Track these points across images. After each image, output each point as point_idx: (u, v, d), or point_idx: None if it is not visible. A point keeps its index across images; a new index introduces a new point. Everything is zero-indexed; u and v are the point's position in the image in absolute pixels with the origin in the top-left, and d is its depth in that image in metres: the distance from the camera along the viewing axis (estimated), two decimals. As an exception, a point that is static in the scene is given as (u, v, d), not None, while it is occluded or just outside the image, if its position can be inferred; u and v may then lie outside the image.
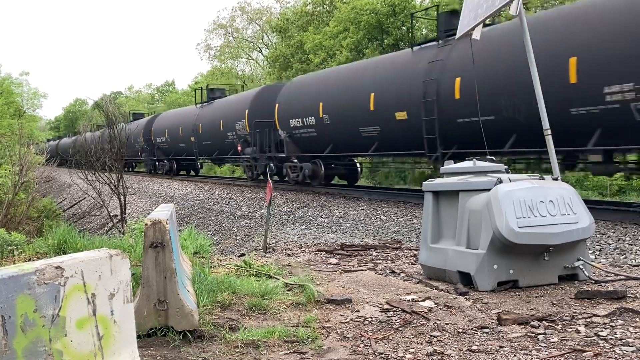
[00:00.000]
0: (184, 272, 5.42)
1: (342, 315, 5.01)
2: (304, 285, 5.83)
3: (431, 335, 4.39)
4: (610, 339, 4.14)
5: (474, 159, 6.43)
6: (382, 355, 4.02)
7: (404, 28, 29.09)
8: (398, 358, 3.97)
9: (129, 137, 19.45)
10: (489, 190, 5.63)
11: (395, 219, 12.79)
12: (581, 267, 5.85)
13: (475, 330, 4.49)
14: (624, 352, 3.87)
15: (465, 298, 5.34)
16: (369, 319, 4.86)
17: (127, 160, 33.05)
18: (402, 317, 4.87)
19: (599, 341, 4.11)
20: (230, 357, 4.07)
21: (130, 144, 24.38)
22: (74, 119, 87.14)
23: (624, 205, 10.12)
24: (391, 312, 5.03)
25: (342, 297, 5.47)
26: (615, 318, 4.60)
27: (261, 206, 17.31)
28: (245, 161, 23.03)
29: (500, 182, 5.69)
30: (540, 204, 5.60)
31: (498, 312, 4.84)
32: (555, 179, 6.19)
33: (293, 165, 19.25)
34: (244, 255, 9.11)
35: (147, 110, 63.77)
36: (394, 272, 6.92)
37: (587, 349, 3.94)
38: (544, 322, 4.56)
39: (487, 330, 4.46)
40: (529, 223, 5.48)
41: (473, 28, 6.78)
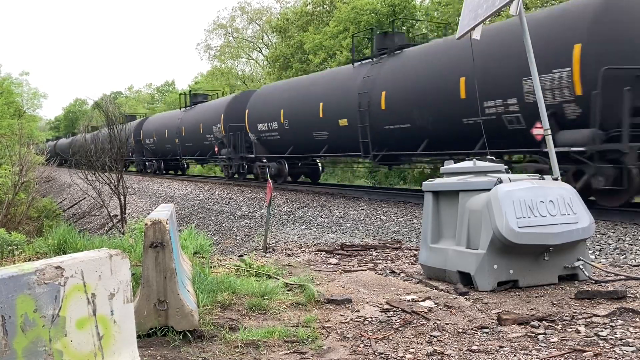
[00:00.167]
0: (184, 272, 5.42)
1: (342, 315, 5.01)
2: (304, 285, 5.83)
3: (431, 335, 4.39)
4: (610, 339, 4.14)
5: (474, 159, 6.43)
6: (382, 355, 4.02)
7: (404, 28, 29.09)
8: (398, 358, 3.97)
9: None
10: (489, 190, 5.63)
11: (395, 219, 12.80)
12: (581, 267, 5.85)
13: (475, 330, 4.49)
14: (624, 352, 3.87)
15: (465, 298, 5.34)
16: (369, 319, 4.86)
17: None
18: (402, 317, 4.87)
19: (599, 341, 4.11)
20: (230, 357, 4.07)
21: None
22: (74, 119, 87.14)
23: (624, 205, 10.22)
24: (391, 312, 5.03)
25: (342, 297, 5.47)
26: (615, 318, 4.60)
27: (261, 206, 17.32)
28: (222, 161, 25.28)
29: (500, 182, 5.69)
30: (540, 204, 5.60)
31: (498, 312, 4.84)
32: (555, 179, 6.20)
33: (262, 165, 21.56)
34: (244, 255, 9.11)
35: (147, 110, 63.91)
36: (394, 272, 6.92)
37: (587, 349, 3.94)
38: (544, 322, 4.56)
39: (487, 330, 4.46)
40: (529, 223, 5.48)
41: (473, 28, 6.78)
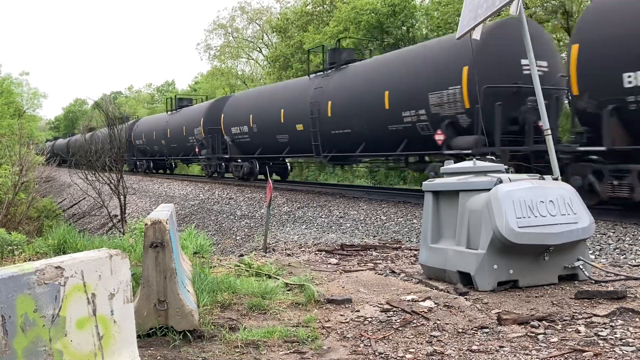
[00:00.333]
0: (184, 272, 5.42)
1: (342, 315, 5.01)
2: (304, 285, 5.82)
3: (431, 335, 4.39)
4: (610, 339, 4.14)
5: (474, 159, 6.42)
6: (382, 355, 4.02)
7: (404, 28, 29.09)
8: (398, 358, 3.97)
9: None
10: (489, 190, 5.63)
11: (395, 219, 12.80)
12: (581, 267, 5.85)
13: (475, 330, 4.48)
14: (624, 352, 3.87)
15: (465, 298, 5.34)
16: (369, 319, 4.86)
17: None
18: (402, 317, 4.87)
19: (599, 341, 4.11)
20: (230, 357, 4.07)
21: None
22: (74, 119, 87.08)
23: (625, 205, 10.23)
24: (391, 312, 5.03)
25: (342, 297, 5.47)
26: (615, 318, 4.60)
27: (261, 206, 17.32)
28: (203, 161, 27.52)
29: (500, 182, 5.69)
30: (540, 204, 5.60)
31: (498, 312, 4.84)
32: (555, 179, 6.20)
33: (236, 165, 23.89)
34: (244, 255, 9.11)
35: (147, 110, 63.96)
36: (394, 272, 6.92)
37: (587, 349, 3.94)
38: (544, 322, 4.56)
39: (487, 330, 4.46)
40: (529, 223, 5.48)
41: (473, 28, 6.78)
